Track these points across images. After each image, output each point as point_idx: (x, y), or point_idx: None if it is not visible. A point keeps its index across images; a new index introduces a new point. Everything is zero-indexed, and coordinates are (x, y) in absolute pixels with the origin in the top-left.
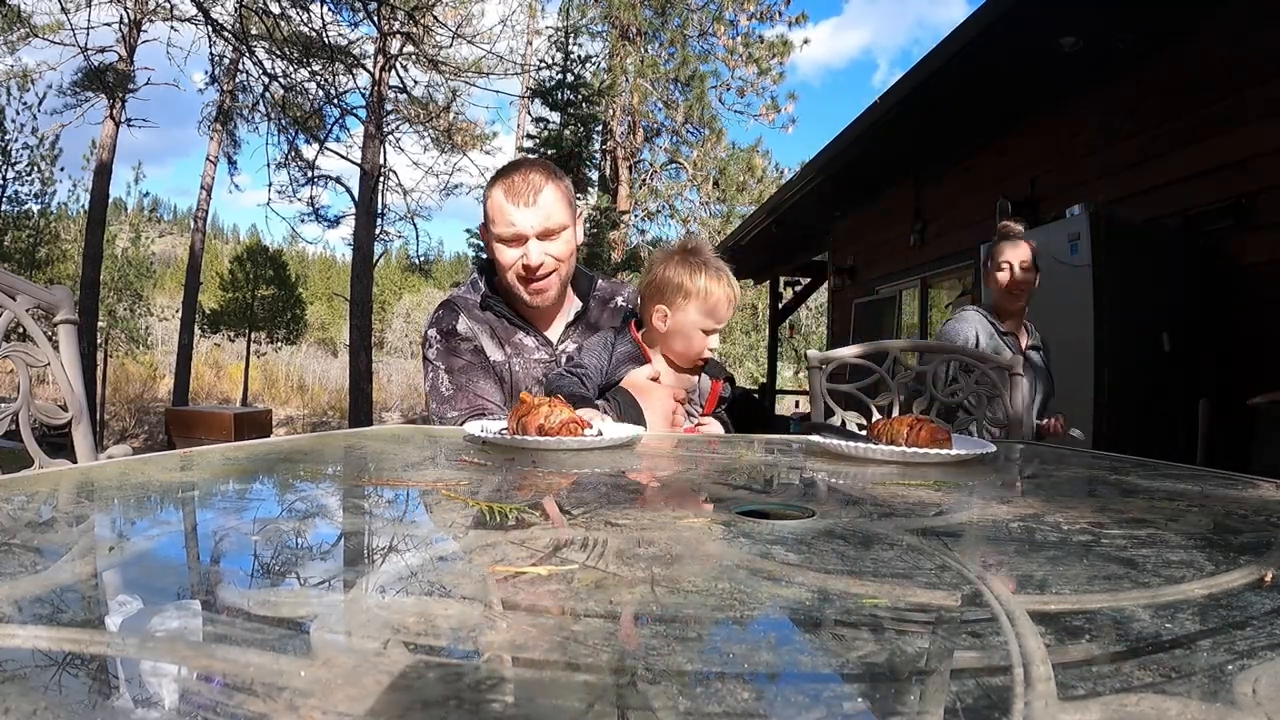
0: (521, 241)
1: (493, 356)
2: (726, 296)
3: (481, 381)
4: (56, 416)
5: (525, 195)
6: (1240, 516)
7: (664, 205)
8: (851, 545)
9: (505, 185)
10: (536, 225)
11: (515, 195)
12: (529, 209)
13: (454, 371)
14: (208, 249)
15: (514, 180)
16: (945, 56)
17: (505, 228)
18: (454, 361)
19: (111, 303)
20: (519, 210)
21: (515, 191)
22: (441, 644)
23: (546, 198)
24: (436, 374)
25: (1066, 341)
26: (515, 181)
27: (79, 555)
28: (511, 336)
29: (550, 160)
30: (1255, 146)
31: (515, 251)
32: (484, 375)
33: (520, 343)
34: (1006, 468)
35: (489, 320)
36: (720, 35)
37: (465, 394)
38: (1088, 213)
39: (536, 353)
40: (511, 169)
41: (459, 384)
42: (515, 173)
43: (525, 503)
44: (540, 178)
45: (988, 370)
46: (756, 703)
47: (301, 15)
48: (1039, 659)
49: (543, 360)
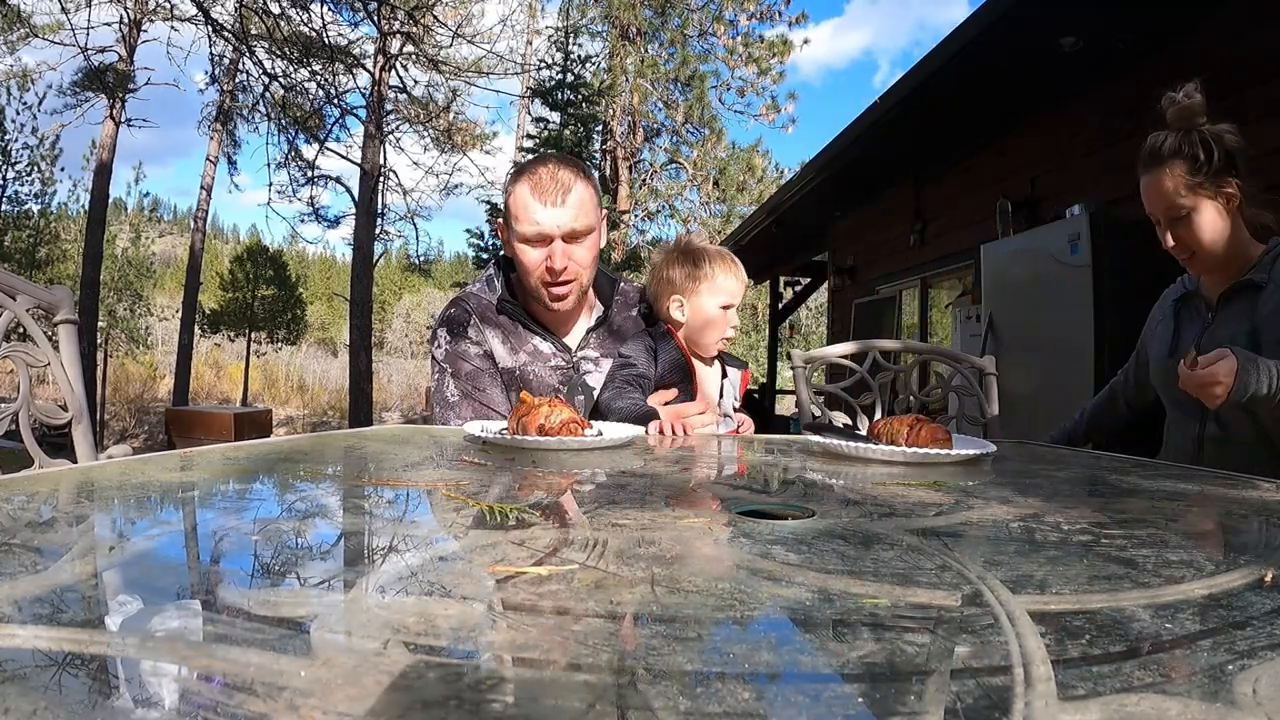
0: (546, 242)
1: (503, 363)
2: (734, 273)
3: (489, 389)
4: (56, 416)
5: (553, 194)
6: (1240, 516)
7: (664, 205)
8: (851, 545)
9: (532, 181)
10: (564, 225)
11: (542, 193)
12: (556, 209)
13: (460, 377)
14: (208, 249)
15: (541, 176)
16: (945, 56)
17: (530, 226)
18: (461, 366)
19: (111, 303)
20: (546, 209)
21: (543, 189)
22: (441, 644)
23: (575, 197)
24: (443, 377)
25: (1066, 341)
26: (543, 178)
27: (79, 555)
28: (526, 343)
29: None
30: (1255, 147)
31: (539, 253)
32: (491, 382)
33: (536, 349)
34: (1006, 468)
35: (503, 324)
36: (720, 35)
37: (470, 402)
38: (1088, 213)
39: (553, 359)
40: (538, 163)
41: (464, 390)
42: (542, 168)
43: (525, 503)
44: (570, 175)
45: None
46: (756, 703)
47: (301, 15)
48: (1039, 659)
49: (559, 367)
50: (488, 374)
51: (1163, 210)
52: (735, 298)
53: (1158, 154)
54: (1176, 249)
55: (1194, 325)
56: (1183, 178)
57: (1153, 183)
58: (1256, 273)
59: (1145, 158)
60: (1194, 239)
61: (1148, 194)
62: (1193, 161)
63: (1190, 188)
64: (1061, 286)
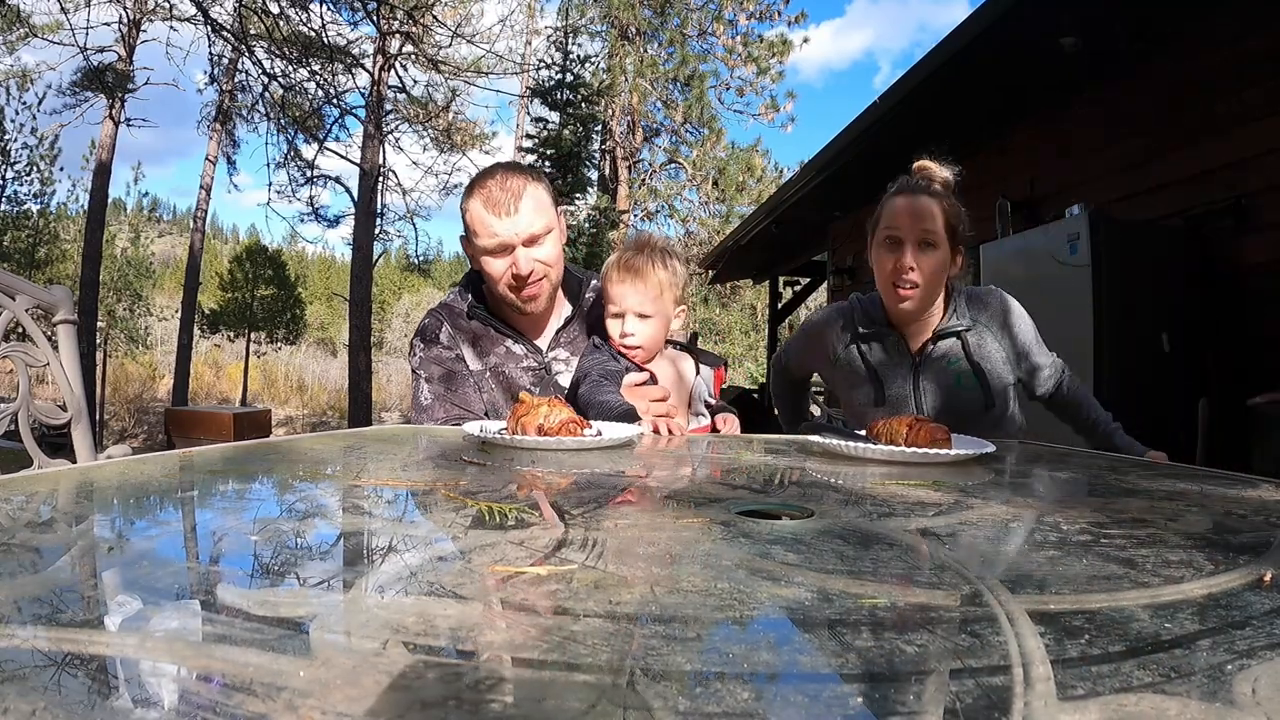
0: (508, 251)
1: (472, 366)
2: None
3: (461, 389)
4: (56, 416)
5: (505, 204)
6: (1240, 516)
7: (663, 205)
8: (851, 545)
9: (483, 195)
10: (521, 232)
11: (494, 205)
12: (510, 217)
13: (433, 380)
14: (207, 249)
15: (490, 189)
16: (945, 56)
17: (489, 239)
18: (434, 370)
19: (111, 303)
20: (500, 220)
21: (494, 201)
22: (441, 644)
23: (527, 203)
24: (418, 383)
25: (1065, 341)
26: (492, 190)
27: (78, 555)
28: (497, 345)
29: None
30: (1255, 146)
31: (502, 262)
32: (464, 382)
33: (508, 350)
34: (1005, 468)
35: (472, 330)
36: (720, 35)
37: (443, 403)
38: (1087, 213)
39: (525, 360)
40: (485, 176)
41: (436, 393)
42: (491, 180)
43: (525, 503)
44: (518, 182)
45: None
46: (756, 703)
47: (301, 15)
48: (1038, 659)
49: (530, 368)
50: (460, 375)
51: (919, 233)
52: (619, 304)
53: (930, 185)
54: (913, 273)
55: (898, 371)
56: (945, 217)
57: (923, 206)
58: (956, 319)
59: (916, 184)
60: (930, 270)
61: (910, 212)
62: (956, 214)
63: (947, 229)
64: (1061, 286)
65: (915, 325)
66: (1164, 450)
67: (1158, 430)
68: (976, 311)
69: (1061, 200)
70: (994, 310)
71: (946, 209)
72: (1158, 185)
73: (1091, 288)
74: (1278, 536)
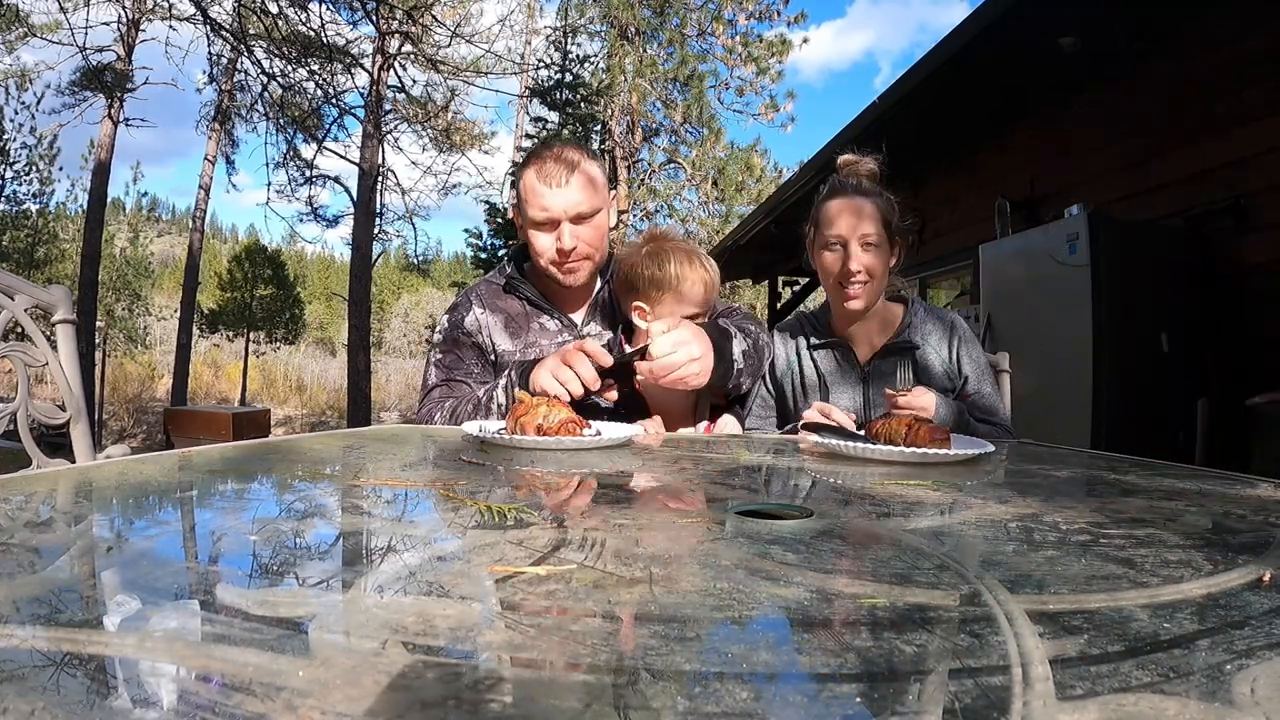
0: (554, 225)
1: (501, 346)
2: (701, 279)
3: (470, 364)
4: (55, 416)
5: (558, 175)
6: (1239, 516)
7: (663, 205)
8: (850, 545)
9: (537, 165)
10: (570, 208)
11: (547, 176)
12: (561, 189)
13: (442, 366)
14: (206, 249)
15: (546, 160)
16: (945, 56)
17: (538, 211)
18: (447, 355)
19: (110, 302)
20: (551, 191)
21: (547, 172)
22: (440, 644)
23: (579, 178)
24: (428, 365)
25: (1065, 341)
26: (547, 161)
27: (77, 555)
28: (532, 321)
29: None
30: (1255, 146)
31: (549, 237)
32: (476, 360)
33: (543, 326)
34: (1004, 468)
35: (507, 308)
36: (719, 35)
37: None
38: (1087, 213)
39: (559, 336)
40: (544, 147)
41: (440, 379)
42: (548, 152)
43: (524, 503)
44: (575, 155)
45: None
46: (755, 703)
47: (300, 14)
48: (1037, 659)
49: (565, 343)
50: (473, 360)
51: (860, 234)
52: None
53: (864, 185)
54: (861, 274)
55: (847, 381)
56: (881, 214)
57: (860, 207)
58: (908, 334)
59: (848, 184)
60: (874, 268)
61: (848, 213)
62: (890, 208)
63: (884, 225)
64: (1060, 286)
65: (864, 336)
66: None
67: (1158, 430)
68: (929, 330)
69: (1061, 200)
70: (943, 333)
71: (881, 206)
72: (1157, 185)
73: (1091, 288)
74: (1277, 536)
